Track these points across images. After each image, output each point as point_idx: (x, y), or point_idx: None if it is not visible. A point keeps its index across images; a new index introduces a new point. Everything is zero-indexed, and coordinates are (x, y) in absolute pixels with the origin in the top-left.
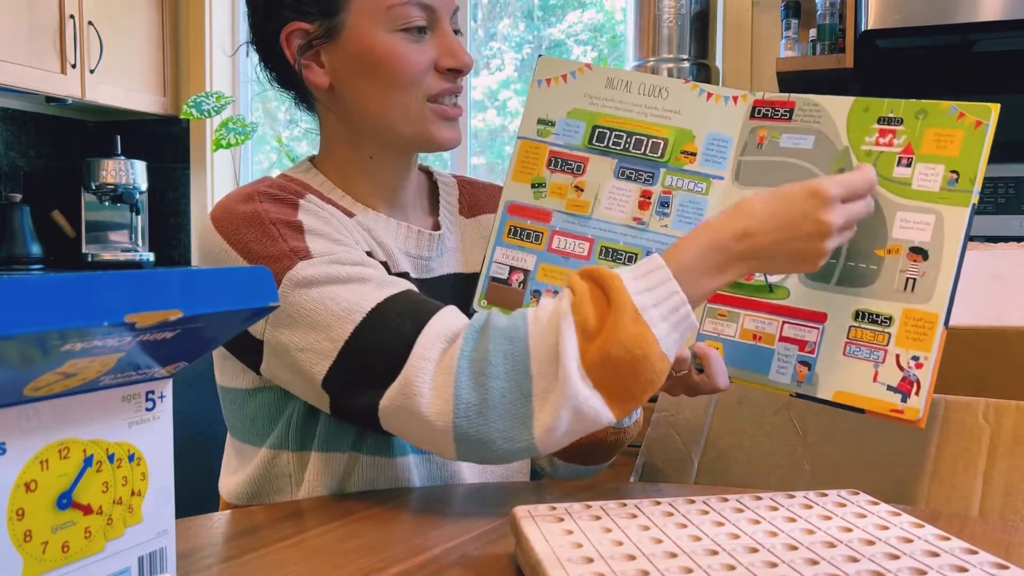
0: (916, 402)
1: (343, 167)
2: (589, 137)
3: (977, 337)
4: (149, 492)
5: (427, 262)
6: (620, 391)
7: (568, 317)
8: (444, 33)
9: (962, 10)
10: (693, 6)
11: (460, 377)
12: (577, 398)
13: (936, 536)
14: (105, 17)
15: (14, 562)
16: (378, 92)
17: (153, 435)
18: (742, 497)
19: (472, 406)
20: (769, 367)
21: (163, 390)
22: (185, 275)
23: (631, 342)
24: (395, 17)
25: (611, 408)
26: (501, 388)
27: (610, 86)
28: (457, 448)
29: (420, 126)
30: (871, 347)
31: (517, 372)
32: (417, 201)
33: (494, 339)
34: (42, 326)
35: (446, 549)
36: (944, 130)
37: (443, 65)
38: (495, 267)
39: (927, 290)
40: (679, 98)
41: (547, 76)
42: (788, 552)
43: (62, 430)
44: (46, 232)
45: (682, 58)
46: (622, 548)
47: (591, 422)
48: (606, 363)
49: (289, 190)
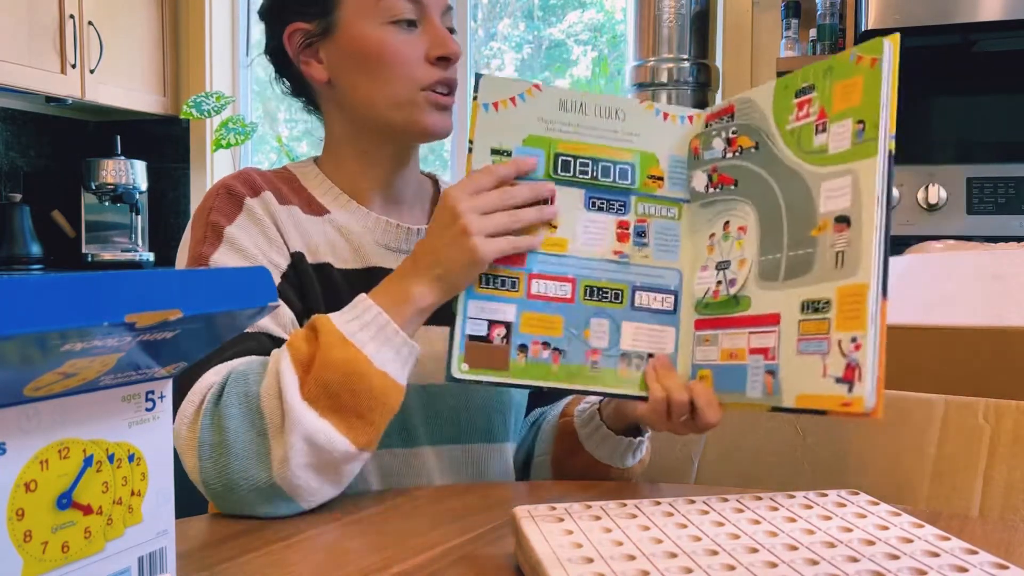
0: (860, 389)
1: (341, 162)
2: (552, 166)
3: (977, 337)
4: (149, 492)
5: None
6: (345, 413)
7: (285, 354)
8: (433, 25)
9: (962, 10)
10: (693, 6)
11: (204, 420)
12: (304, 426)
13: (936, 536)
14: (105, 17)
15: (14, 562)
16: (371, 83)
17: (153, 435)
18: (742, 497)
19: (213, 446)
20: (745, 384)
21: (163, 390)
22: (185, 275)
23: (342, 363)
24: (384, 10)
25: (345, 432)
26: (236, 428)
27: (563, 108)
28: (208, 492)
29: (411, 114)
30: (817, 339)
31: (251, 412)
32: (416, 201)
33: (232, 384)
34: (42, 326)
35: (446, 549)
36: (847, 80)
37: (432, 54)
38: (471, 324)
39: (854, 260)
40: (637, 119)
41: (493, 99)
42: (788, 552)
43: (62, 430)
44: (46, 232)
45: (682, 58)
46: (622, 548)
47: (327, 449)
48: (324, 388)
49: (250, 185)
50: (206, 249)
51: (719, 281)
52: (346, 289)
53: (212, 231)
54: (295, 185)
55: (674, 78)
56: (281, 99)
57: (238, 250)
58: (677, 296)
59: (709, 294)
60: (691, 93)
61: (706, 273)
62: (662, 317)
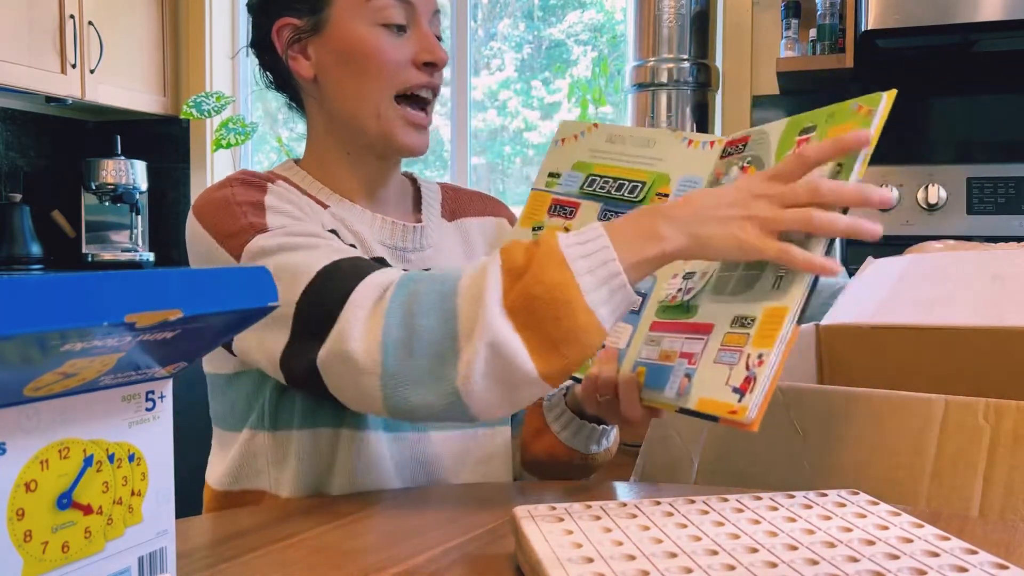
0: (747, 400)
1: (324, 161)
2: (584, 184)
3: (977, 337)
4: (149, 492)
5: (406, 253)
6: (540, 336)
7: (496, 259)
8: (422, 30)
9: (962, 10)
10: (693, 6)
11: (390, 318)
12: (495, 333)
13: (936, 536)
14: (105, 17)
15: (14, 562)
16: (355, 83)
17: (153, 435)
18: (742, 497)
19: (400, 343)
20: (665, 383)
21: (163, 390)
22: (185, 275)
23: (553, 285)
24: (374, 11)
25: (532, 353)
26: (428, 325)
27: (610, 141)
28: (384, 391)
29: (386, 126)
30: (733, 350)
31: (444, 311)
32: (399, 201)
33: (426, 282)
34: (42, 326)
35: (446, 549)
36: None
37: (419, 59)
38: None
39: (788, 285)
40: (664, 146)
41: (563, 137)
42: (788, 552)
43: (62, 430)
44: (46, 232)
45: (682, 58)
46: (622, 548)
47: (510, 363)
48: (527, 302)
49: (261, 176)
50: (253, 219)
51: (679, 288)
52: None
53: (249, 206)
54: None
55: (674, 78)
56: (281, 100)
57: (287, 214)
58: (645, 299)
59: (668, 299)
60: (691, 93)
61: (675, 281)
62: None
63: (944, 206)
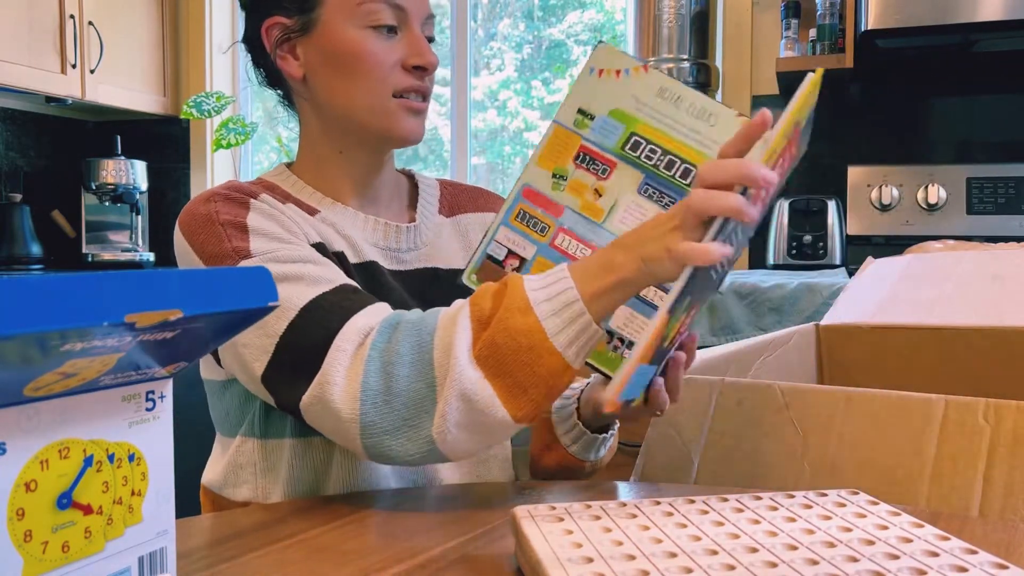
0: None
1: (316, 162)
2: (624, 143)
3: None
4: (149, 492)
5: (400, 254)
6: (510, 382)
7: (466, 308)
8: (413, 33)
9: (962, 10)
10: (693, 6)
11: (369, 366)
12: (464, 382)
13: (936, 536)
14: (105, 17)
15: (14, 562)
16: (345, 85)
17: (153, 435)
18: (742, 497)
19: (378, 393)
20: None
21: (163, 390)
22: (185, 275)
23: (518, 332)
24: (365, 13)
25: (503, 400)
26: (407, 375)
27: (660, 96)
28: (363, 439)
29: (383, 119)
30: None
31: (422, 362)
32: (393, 199)
33: (405, 331)
34: (42, 326)
35: (446, 549)
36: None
37: (409, 62)
38: (494, 245)
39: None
40: (724, 128)
41: (601, 66)
42: (788, 552)
43: (62, 430)
44: (46, 232)
45: (682, 58)
46: (622, 548)
47: (482, 412)
48: (494, 351)
49: (245, 191)
50: (237, 244)
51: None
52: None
53: (232, 228)
54: (278, 192)
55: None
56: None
57: (271, 236)
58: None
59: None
60: None
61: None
62: (648, 310)
63: (944, 206)
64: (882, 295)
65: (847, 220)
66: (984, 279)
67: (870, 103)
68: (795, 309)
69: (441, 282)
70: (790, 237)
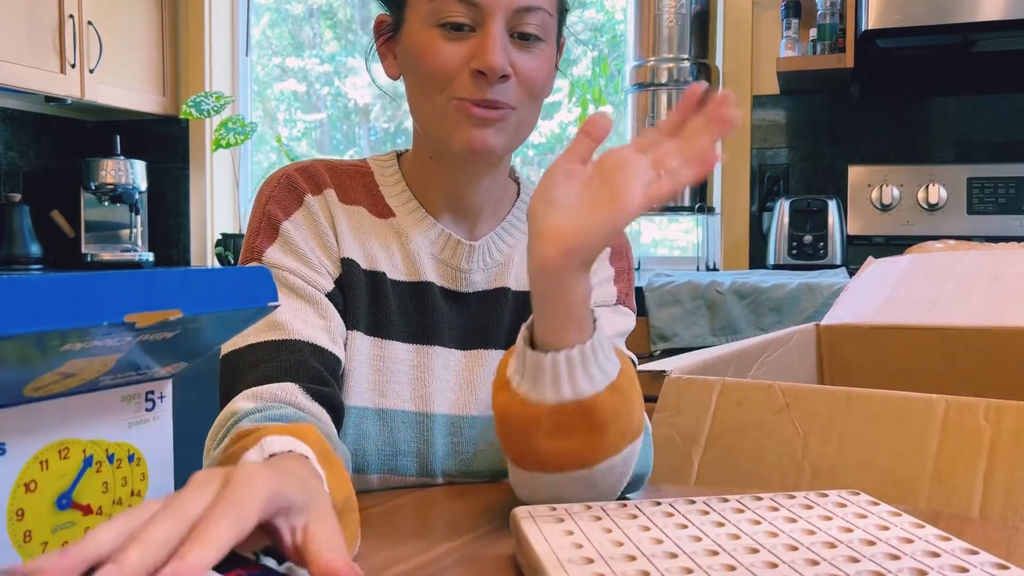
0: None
1: (417, 162)
2: None
3: (977, 337)
4: (149, 492)
5: (463, 274)
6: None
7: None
8: (488, 33)
9: (962, 10)
10: (693, 6)
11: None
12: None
13: (936, 536)
14: (105, 17)
15: (14, 562)
16: (415, 88)
17: (153, 435)
18: (742, 497)
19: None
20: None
21: (163, 390)
22: (185, 275)
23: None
24: (435, 11)
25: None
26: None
27: None
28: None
29: (443, 126)
30: None
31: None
32: (494, 213)
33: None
34: (42, 326)
35: (446, 549)
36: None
37: (471, 66)
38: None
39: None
40: None
41: None
42: (788, 552)
43: (62, 430)
44: (46, 232)
45: (682, 58)
46: (622, 548)
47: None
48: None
49: (315, 179)
50: (260, 242)
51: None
52: (394, 301)
53: (268, 223)
54: (368, 181)
55: (674, 78)
56: (281, 99)
57: (292, 249)
58: None
59: None
60: None
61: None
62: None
63: (944, 206)
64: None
65: (847, 220)
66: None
67: (870, 103)
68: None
69: (513, 302)
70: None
